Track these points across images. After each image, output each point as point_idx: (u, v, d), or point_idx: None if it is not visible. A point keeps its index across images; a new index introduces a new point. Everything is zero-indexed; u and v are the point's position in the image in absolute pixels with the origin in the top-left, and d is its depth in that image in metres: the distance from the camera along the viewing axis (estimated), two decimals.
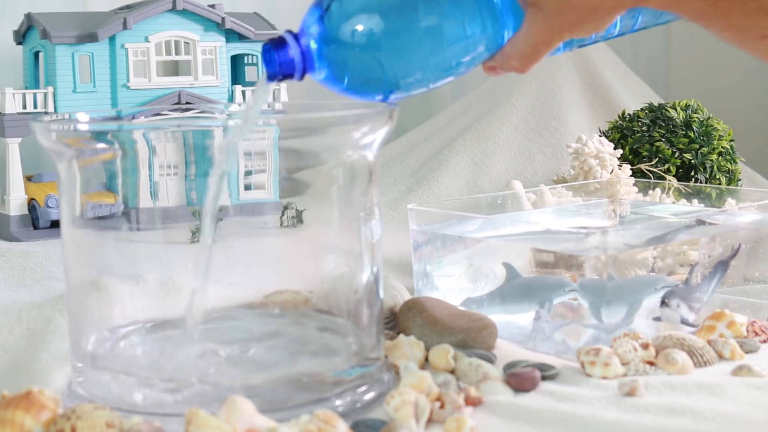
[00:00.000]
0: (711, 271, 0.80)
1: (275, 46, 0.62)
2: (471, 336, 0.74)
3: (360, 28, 0.61)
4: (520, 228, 0.87)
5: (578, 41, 0.66)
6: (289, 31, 0.63)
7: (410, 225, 0.86)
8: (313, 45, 0.62)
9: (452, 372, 0.70)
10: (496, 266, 0.81)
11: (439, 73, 0.64)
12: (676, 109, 1.23)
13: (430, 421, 0.61)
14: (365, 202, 0.67)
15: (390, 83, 0.63)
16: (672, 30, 1.97)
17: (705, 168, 1.19)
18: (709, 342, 0.74)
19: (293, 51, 0.62)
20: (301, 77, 0.63)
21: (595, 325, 0.74)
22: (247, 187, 0.66)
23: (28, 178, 1.26)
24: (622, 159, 1.19)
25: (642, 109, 1.26)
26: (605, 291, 0.73)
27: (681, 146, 1.19)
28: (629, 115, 1.26)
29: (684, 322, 0.77)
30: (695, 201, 0.99)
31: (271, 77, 0.62)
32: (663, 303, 0.77)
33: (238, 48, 1.29)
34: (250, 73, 1.34)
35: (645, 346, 0.71)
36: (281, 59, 0.62)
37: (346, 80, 0.63)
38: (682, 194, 1.01)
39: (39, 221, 1.21)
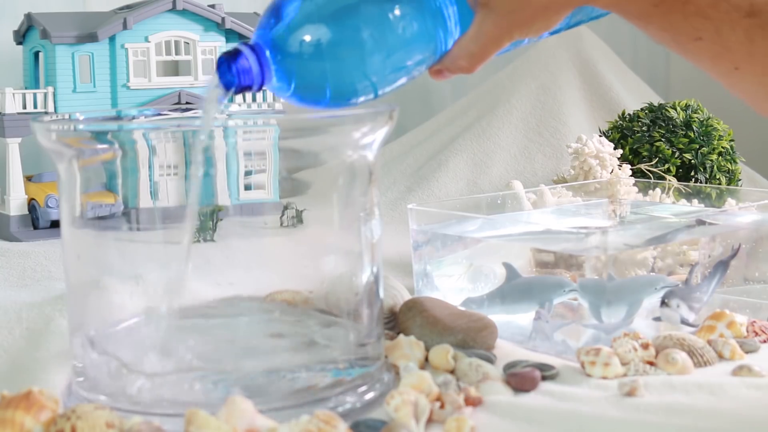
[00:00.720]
0: (711, 271, 0.80)
1: (232, 57, 0.62)
2: (471, 336, 0.74)
3: (310, 37, 0.62)
4: (520, 228, 0.87)
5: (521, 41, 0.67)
6: (245, 43, 0.63)
7: (410, 225, 0.86)
8: (269, 55, 0.62)
9: (452, 372, 0.70)
10: (496, 266, 0.81)
11: (393, 76, 0.64)
12: (676, 109, 1.23)
13: (430, 421, 0.61)
14: (365, 202, 0.67)
15: (348, 89, 0.64)
16: None
17: (705, 168, 1.19)
18: (709, 342, 0.74)
19: (250, 61, 0.62)
20: (260, 88, 0.63)
21: (595, 325, 0.74)
22: (247, 187, 0.66)
23: (28, 178, 1.26)
24: (622, 159, 1.19)
25: (642, 109, 1.26)
26: (605, 291, 0.73)
27: (681, 146, 1.19)
28: (629, 115, 1.26)
29: (684, 322, 0.77)
30: (695, 201, 0.99)
31: (228, 88, 0.62)
32: (663, 303, 0.77)
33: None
34: None
35: (645, 346, 0.71)
36: (239, 70, 0.62)
37: (300, 88, 0.63)
38: (682, 194, 1.01)
39: (39, 221, 1.21)
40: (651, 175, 1.16)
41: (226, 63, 0.62)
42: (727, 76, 0.64)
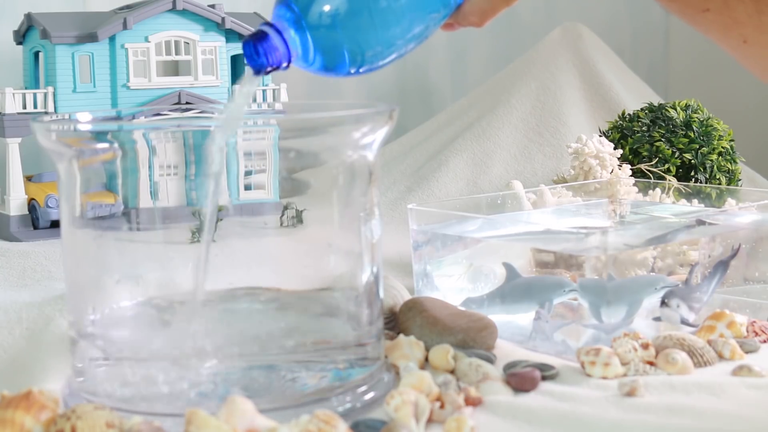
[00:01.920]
0: (711, 271, 0.80)
1: (257, 39, 0.62)
2: (471, 336, 0.74)
3: (332, 6, 0.63)
4: (520, 228, 0.87)
5: None
6: (266, 23, 0.63)
7: (410, 225, 0.86)
8: (293, 32, 0.63)
9: (452, 372, 0.70)
10: (496, 266, 0.81)
11: (414, 34, 0.66)
12: (676, 109, 1.23)
13: (430, 421, 0.61)
14: (365, 202, 0.67)
15: (372, 54, 0.65)
16: (672, 30, 1.97)
17: (705, 168, 1.19)
18: (709, 342, 0.74)
19: (276, 41, 0.63)
20: (288, 65, 0.64)
21: (595, 325, 0.74)
22: (247, 187, 0.66)
23: (28, 178, 1.26)
24: (622, 159, 1.19)
25: (642, 109, 1.26)
26: (605, 291, 0.73)
27: (681, 146, 1.19)
28: (629, 115, 1.26)
29: (684, 322, 0.77)
30: (695, 201, 0.99)
31: (259, 70, 0.63)
32: (663, 303, 0.77)
33: (238, 48, 1.29)
34: None
35: (645, 346, 0.71)
36: (266, 50, 0.62)
37: (328, 57, 0.64)
38: (682, 194, 1.01)
39: (39, 221, 1.21)
40: (651, 175, 1.16)
41: (253, 46, 0.62)
42: (736, 48, 0.63)
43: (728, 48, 0.64)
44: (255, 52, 0.62)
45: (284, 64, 0.64)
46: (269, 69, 0.63)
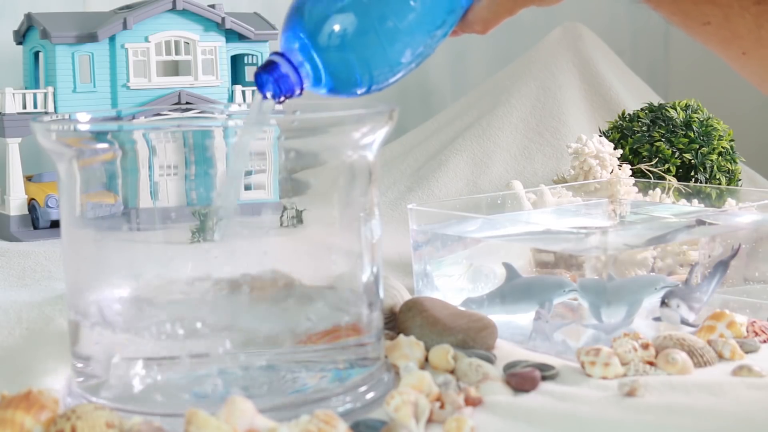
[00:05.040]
0: (711, 271, 0.80)
1: (267, 70, 0.63)
2: (471, 336, 0.74)
3: (340, 28, 0.64)
4: (520, 228, 0.87)
5: None
6: (275, 52, 0.64)
7: (410, 225, 0.86)
8: (302, 58, 0.64)
9: (452, 372, 0.70)
10: (496, 266, 0.81)
11: (422, 50, 0.67)
12: (676, 109, 1.23)
13: (430, 421, 0.61)
14: (365, 202, 0.67)
15: (381, 72, 0.66)
16: (672, 30, 1.97)
17: (705, 168, 1.19)
18: (709, 342, 0.74)
19: (286, 69, 0.63)
20: (301, 92, 0.65)
21: (595, 325, 0.74)
22: (247, 187, 0.66)
23: (28, 178, 1.26)
24: (622, 159, 1.19)
25: (642, 109, 1.26)
26: (605, 291, 0.73)
27: (681, 146, 1.19)
28: (629, 115, 1.26)
29: (684, 322, 0.77)
30: (695, 201, 0.99)
31: (273, 98, 0.64)
32: (663, 303, 0.77)
33: (238, 48, 1.29)
34: (250, 73, 1.34)
35: (645, 346, 0.71)
36: (278, 80, 0.63)
37: (337, 81, 0.65)
38: (682, 194, 1.01)
39: (39, 221, 1.21)
40: (651, 175, 1.16)
41: (265, 76, 0.63)
42: (735, 60, 0.65)
43: (727, 59, 0.65)
44: (267, 82, 0.63)
45: (297, 91, 0.64)
46: (283, 98, 0.64)
